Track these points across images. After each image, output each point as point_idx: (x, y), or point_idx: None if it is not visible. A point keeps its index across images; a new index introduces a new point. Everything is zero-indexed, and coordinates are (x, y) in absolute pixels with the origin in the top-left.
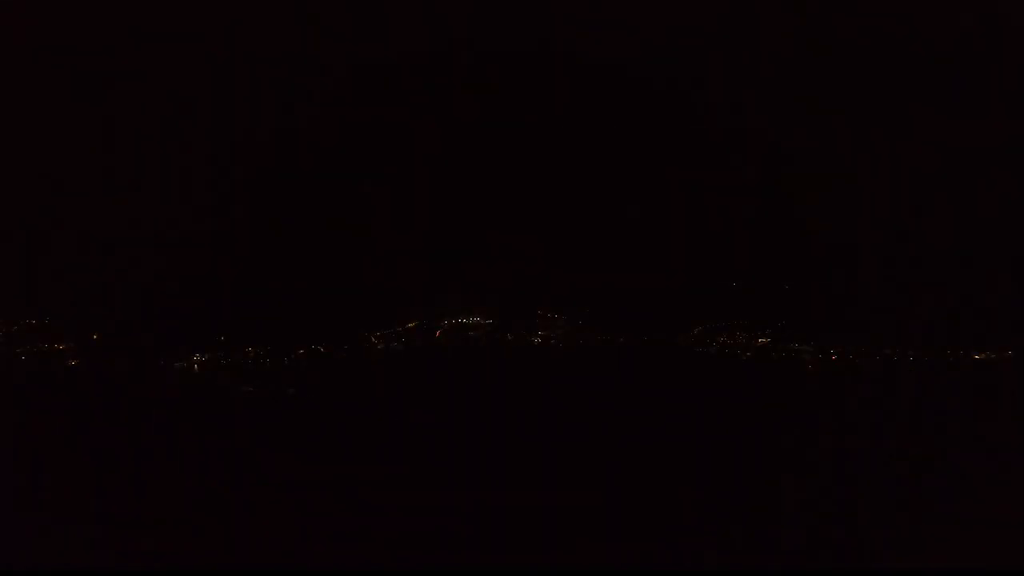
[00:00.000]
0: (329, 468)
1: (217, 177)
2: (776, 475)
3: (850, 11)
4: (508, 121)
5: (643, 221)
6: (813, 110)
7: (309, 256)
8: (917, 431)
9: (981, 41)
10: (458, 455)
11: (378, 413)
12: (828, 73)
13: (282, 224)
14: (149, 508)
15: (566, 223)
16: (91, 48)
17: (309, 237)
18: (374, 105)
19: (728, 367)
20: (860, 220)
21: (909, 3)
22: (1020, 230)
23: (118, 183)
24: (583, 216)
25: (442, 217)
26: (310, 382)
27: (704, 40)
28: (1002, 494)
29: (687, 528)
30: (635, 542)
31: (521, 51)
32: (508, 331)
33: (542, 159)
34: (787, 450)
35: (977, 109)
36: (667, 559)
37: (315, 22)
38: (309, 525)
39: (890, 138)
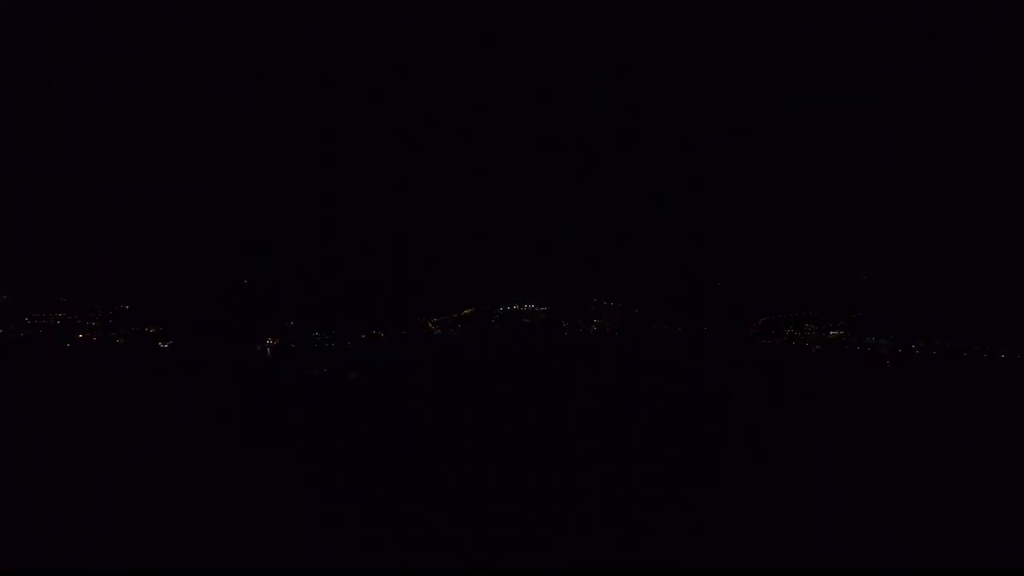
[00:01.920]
0: (381, 450)
1: (283, 176)
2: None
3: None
4: (558, 114)
5: (707, 207)
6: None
7: (370, 245)
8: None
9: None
10: (512, 439)
11: (435, 396)
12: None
13: (346, 215)
14: (229, 473)
15: (623, 208)
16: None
17: (371, 226)
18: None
19: (794, 359)
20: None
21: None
22: None
23: (199, 188)
24: (642, 201)
25: (498, 206)
26: (371, 366)
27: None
28: None
29: (737, 517)
30: (686, 530)
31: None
32: (563, 318)
33: (599, 145)
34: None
35: None
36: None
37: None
38: (367, 492)
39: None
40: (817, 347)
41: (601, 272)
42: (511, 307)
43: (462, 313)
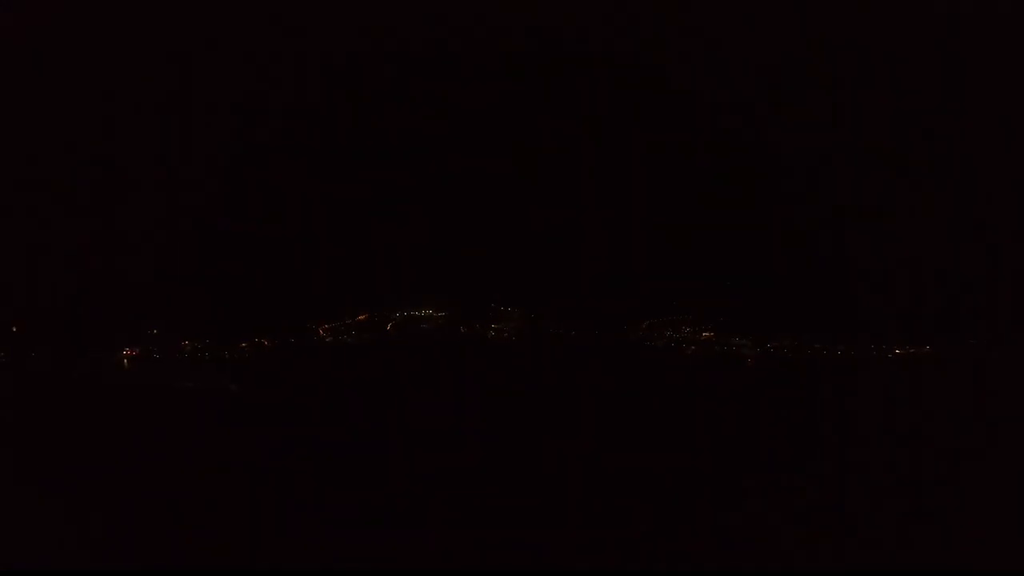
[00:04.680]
0: (273, 467)
1: (146, 157)
2: (723, 465)
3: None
4: (457, 112)
5: (595, 216)
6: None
7: (252, 243)
8: (845, 422)
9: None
10: (409, 451)
11: (326, 409)
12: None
13: (220, 207)
14: (75, 514)
15: (520, 216)
16: None
17: (251, 222)
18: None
19: (674, 359)
20: (794, 221)
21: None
22: (937, 230)
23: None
24: (537, 209)
25: (394, 207)
26: (254, 378)
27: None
28: (920, 482)
29: (637, 518)
30: (590, 534)
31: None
32: (461, 324)
33: (491, 151)
34: (731, 440)
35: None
36: (620, 551)
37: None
38: (248, 528)
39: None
40: (692, 347)
41: (498, 277)
42: (408, 312)
43: (356, 319)
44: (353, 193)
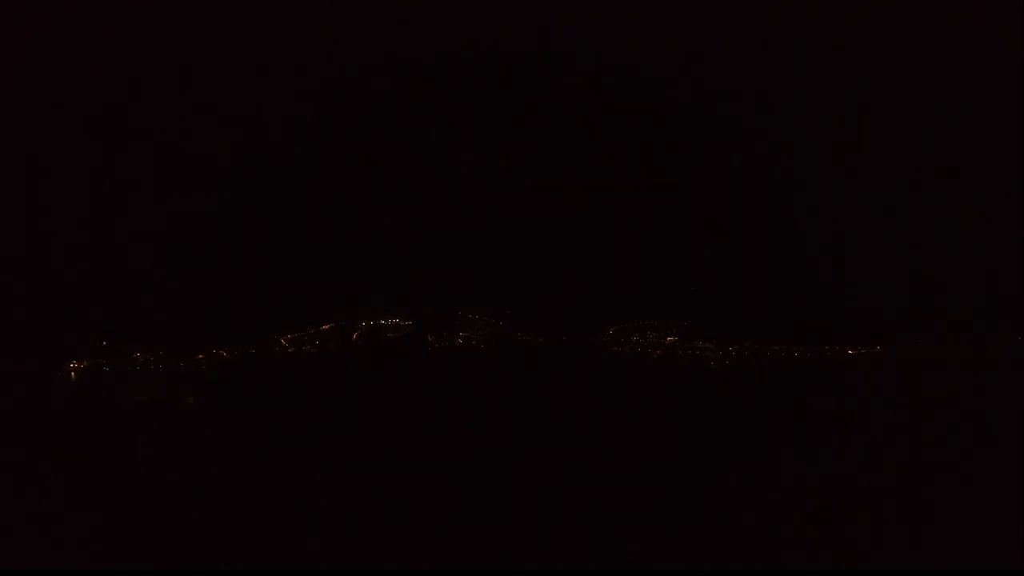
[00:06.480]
0: (233, 485)
1: (100, 162)
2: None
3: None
4: (423, 116)
5: (561, 223)
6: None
7: (209, 249)
8: (803, 423)
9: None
10: (376, 464)
11: (288, 423)
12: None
13: (172, 210)
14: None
15: (487, 224)
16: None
17: (207, 226)
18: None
19: (640, 365)
20: (750, 224)
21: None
22: (891, 232)
23: None
24: (504, 217)
25: (360, 214)
26: (211, 390)
27: None
28: (878, 478)
29: (603, 525)
30: (559, 539)
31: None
32: (429, 332)
33: (458, 157)
34: (697, 443)
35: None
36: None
37: None
38: (208, 551)
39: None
40: (657, 352)
41: (465, 285)
42: (374, 321)
43: (320, 328)
44: (315, 198)
